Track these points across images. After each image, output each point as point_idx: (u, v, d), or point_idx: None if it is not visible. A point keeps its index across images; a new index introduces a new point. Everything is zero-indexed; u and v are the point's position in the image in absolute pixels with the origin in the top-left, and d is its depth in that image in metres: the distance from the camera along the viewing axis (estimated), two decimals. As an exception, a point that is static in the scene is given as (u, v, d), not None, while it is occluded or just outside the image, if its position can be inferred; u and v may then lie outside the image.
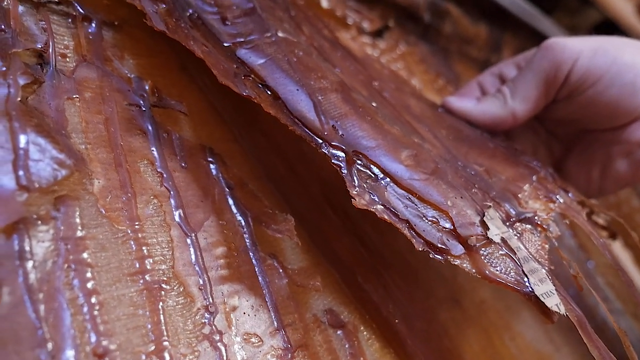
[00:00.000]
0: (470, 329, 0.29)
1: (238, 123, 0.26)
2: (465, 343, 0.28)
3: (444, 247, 0.21)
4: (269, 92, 0.22)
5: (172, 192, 0.21)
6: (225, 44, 0.24)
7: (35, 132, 0.17)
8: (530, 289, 0.21)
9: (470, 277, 0.32)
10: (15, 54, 0.19)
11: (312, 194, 0.27)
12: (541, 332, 0.33)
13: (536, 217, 0.25)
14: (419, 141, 0.26)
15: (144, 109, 0.22)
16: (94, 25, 0.23)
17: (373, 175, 0.22)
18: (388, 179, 0.22)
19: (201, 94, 0.25)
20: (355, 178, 0.21)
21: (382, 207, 0.21)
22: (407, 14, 0.45)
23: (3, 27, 0.20)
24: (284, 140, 0.27)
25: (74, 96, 0.20)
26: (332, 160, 0.21)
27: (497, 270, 0.21)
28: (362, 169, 0.22)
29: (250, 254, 0.22)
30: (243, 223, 0.22)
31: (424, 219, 0.21)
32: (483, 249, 0.21)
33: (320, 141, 0.22)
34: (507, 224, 0.23)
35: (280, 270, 0.22)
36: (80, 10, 0.23)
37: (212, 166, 0.23)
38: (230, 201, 0.23)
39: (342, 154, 0.22)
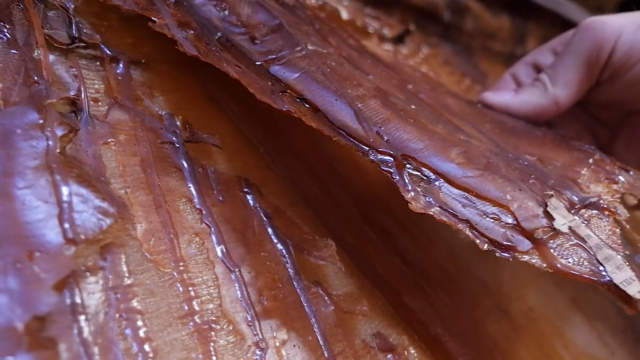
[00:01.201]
0: (520, 340, 0.28)
1: (269, 148, 0.26)
2: (518, 356, 0.27)
3: (510, 244, 0.20)
4: (308, 105, 0.22)
5: (212, 229, 0.21)
6: (257, 63, 0.24)
7: (77, 183, 0.18)
8: (609, 278, 0.20)
9: (516, 285, 0.31)
10: (51, 105, 0.19)
11: (349, 214, 0.26)
12: (594, 337, 0.32)
13: (601, 201, 0.24)
14: (466, 138, 0.25)
15: (177, 145, 0.22)
16: (121, 65, 0.23)
17: (425, 178, 0.21)
18: (441, 180, 0.21)
19: (231, 123, 0.25)
20: (407, 182, 0.21)
21: (439, 209, 0.20)
22: (427, 15, 0.44)
23: (36, 78, 0.20)
24: (316, 160, 0.27)
25: (109, 140, 0.21)
26: (382, 167, 0.21)
27: (569, 263, 0.20)
28: (413, 172, 0.21)
29: (295, 283, 0.22)
30: (284, 252, 0.22)
31: (484, 216, 0.20)
32: (551, 241, 0.20)
33: (367, 148, 0.21)
34: (572, 211, 0.22)
35: (326, 298, 0.22)
36: (108, 51, 0.23)
37: (248, 197, 0.23)
38: (270, 231, 0.22)
39: (390, 159, 0.21)
